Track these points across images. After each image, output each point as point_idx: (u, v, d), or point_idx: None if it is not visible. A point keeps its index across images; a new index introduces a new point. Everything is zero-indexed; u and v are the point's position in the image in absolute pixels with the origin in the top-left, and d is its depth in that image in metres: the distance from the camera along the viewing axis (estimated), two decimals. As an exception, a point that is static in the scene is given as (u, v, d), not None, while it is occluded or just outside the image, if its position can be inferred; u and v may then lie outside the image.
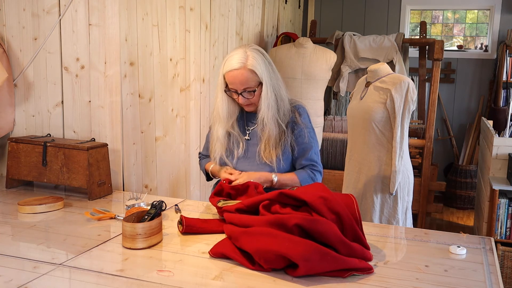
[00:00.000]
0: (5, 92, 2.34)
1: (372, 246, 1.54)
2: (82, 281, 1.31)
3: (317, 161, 2.02)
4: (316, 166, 2.02)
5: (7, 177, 2.25)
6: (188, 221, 1.66)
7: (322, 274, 1.33)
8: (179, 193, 2.97)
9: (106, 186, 2.16)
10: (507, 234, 3.52)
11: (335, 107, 5.18)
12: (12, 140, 2.23)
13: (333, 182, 4.26)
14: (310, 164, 2.01)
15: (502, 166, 3.51)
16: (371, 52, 4.31)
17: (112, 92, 2.27)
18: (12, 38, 2.38)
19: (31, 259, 1.44)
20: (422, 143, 4.25)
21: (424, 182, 4.24)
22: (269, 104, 1.88)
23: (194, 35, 3.02)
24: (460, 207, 5.23)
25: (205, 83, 3.24)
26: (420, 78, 4.87)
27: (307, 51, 3.95)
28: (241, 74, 1.83)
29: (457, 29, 5.70)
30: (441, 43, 4.16)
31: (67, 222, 1.79)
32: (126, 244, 1.52)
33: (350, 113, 2.76)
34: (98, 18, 2.24)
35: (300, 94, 3.92)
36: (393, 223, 2.60)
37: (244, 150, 2.00)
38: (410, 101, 2.50)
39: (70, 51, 2.30)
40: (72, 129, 2.36)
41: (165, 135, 2.77)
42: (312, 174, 2.00)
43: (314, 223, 1.36)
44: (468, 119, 5.52)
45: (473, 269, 1.40)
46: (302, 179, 1.98)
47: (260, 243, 1.36)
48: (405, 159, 2.60)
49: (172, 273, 1.34)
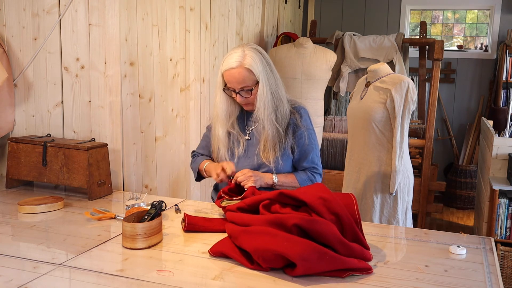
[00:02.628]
0: (5, 92, 2.34)
1: (372, 246, 1.54)
2: (82, 281, 1.31)
3: (317, 163, 2.04)
4: (317, 168, 2.04)
5: (7, 177, 2.25)
6: (190, 219, 1.67)
7: (320, 274, 1.33)
8: (179, 193, 2.97)
9: (106, 186, 2.16)
10: (507, 234, 3.52)
11: (335, 107, 5.17)
12: (12, 140, 2.23)
13: (333, 182, 4.26)
14: (311, 167, 2.03)
15: (502, 166, 3.51)
16: (371, 52, 4.31)
17: (112, 92, 2.27)
18: (12, 38, 2.38)
19: (31, 259, 1.44)
20: (422, 143, 4.25)
21: (424, 182, 4.24)
22: (265, 103, 1.88)
23: (194, 35, 3.02)
24: (460, 207, 5.23)
25: (205, 83, 3.24)
26: (420, 78, 4.87)
27: (307, 51, 3.95)
28: (238, 72, 1.84)
29: (457, 29, 5.70)
30: (441, 43, 4.16)
31: (67, 222, 1.79)
32: (126, 244, 1.52)
33: (350, 113, 2.76)
34: (98, 18, 2.24)
35: (300, 94, 3.92)
36: (393, 223, 2.60)
37: (244, 150, 2.00)
38: (410, 101, 2.50)
39: (70, 51, 2.30)
40: (72, 129, 2.36)
41: (165, 135, 2.77)
42: (312, 177, 2.02)
43: (313, 223, 1.37)
44: (468, 119, 5.52)
45: (473, 269, 1.40)
46: (301, 181, 2.00)
47: (259, 242, 1.36)
48: (405, 159, 2.60)
49: (172, 273, 1.34)
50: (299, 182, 1.99)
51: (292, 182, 1.99)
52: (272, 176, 1.95)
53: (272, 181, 1.94)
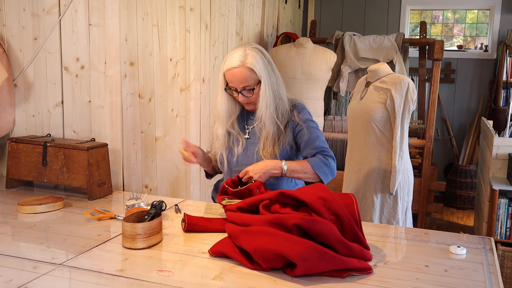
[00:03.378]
0: (5, 92, 2.34)
1: (372, 246, 1.54)
2: (82, 281, 1.31)
3: (325, 147, 1.94)
4: (327, 151, 1.93)
5: (7, 177, 2.25)
6: (190, 219, 1.67)
7: (321, 274, 1.33)
8: (179, 193, 2.97)
9: (106, 186, 2.16)
10: (507, 234, 3.52)
11: (335, 107, 5.17)
12: (12, 140, 2.23)
13: (333, 182, 4.24)
14: (320, 151, 1.93)
15: (502, 166, 3.51)
16: (371, 52, 4.30)
17: (112, 92, 2.27)
18: (12, 38, 2.38)
19: (31, 259, 1.44)
20: (422, 143, 4.25)
21: (424, 182, 4.24)
22: (267, 103, 1.88)
23: (194, 35, 3.02)
24: (460, 207, 5.23)
25: (205, 83, 3.24)
26: (420, 78, 4.87)
27: (307, 51, 3.95)
28: (240, 72, 1.85)
29: (457, 29, 5.70)
30: (441, 43, 4.16)
31: (67, 222, 1.79)
32: (126, 244, 1.52)
33: (350, 113, 2.76)
34: (98, 18, 2.24)
35: (300, 94, 3.92)
36: (393, 223, 2.60)
37: (243, 149, 2.00)
38: (410, 101, 2.50)
39: (70, 51, 2.30)
40: (72, 129, 2.36)
41: (165, 135, 2.77)
42: (324, 159, 1.91)
43: (313, 223, 1.37)
44: (468, 119, 5.52)
45: (473, 269, 1.40)
46: (314, 163, 1.88)
47: (259, 242, 1.36)
48: (405, 159, 2.60)
49: (172, 273, 1.34)
50: (313, 165, 1.88)
51: (304, 167, 1.88)
52: (281, 164, 1.87)
53: (281, 169, 1.87)
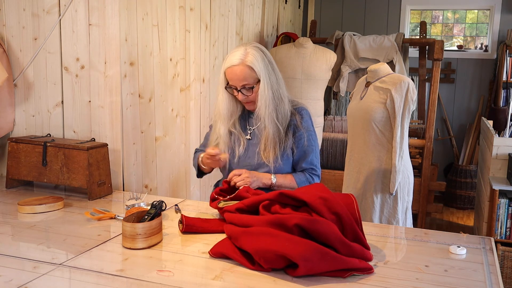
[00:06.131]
0: (5, 92, 2.34)
1: (372, 246, 1.54)
2: (82, 281, 1.31)
3: (316, 165, 2.05)
4: (315, 170, 2.05)
5: (7, 177, 2.25)
6: (188, 221, 1.66)
7: (322, 274, 1.33)
8: (179, 193, 2.97)
9: (106, 186, 2.16)
10: (507, 234, 3.52)
11: (335, 107, 5.18)
12: (12, 140, 2.23)
13: (333, 182, 4.26)
14: (309, 168, 2.03)
15: (502, 166, 3.51)
16: (371, 52, 4.31)
17: (112, 92, 2.27)
18: (12, 38, 2.38)
19: (31, 259, 1.44)
20: (422, 143, 4.25)
21: (424, 182, 4.24)
22: (266, 102, 1.89)
23: (194, 35, 3.02)
24: (460, 207, 5.23)
25: (205, 83, 3.24)
26: (420, 78, 4.87)
27: (307, 51, 3.95)
28: (240, 70, 1.86)
29: (457, 29, 5.70)
30: (441, 43, 4.16)
31: (67, 222, 1.79)
32: (126, 244, 1.52)
33: (350, 113, 2.76)
34: (98, 18, 2.24)
35: (300, 94, 3.92)
36: (393, 223, 2.60)
37: (245, 149, 2.00)
38: (410, 101, 2.50)
39: (70, 51, 2.30)
40: (72, 129, 2.36)
41: (165, 135, 2.77)
42: (310, 178, 2.03)
43: (313, 223, 1.36)
44: (468, 119, 5.52)
45: (473, 269, 1.40)
46: (299, 182, 2.00)
47: (260, 243, 1.36)
48: (405, 159, 2.60)
49: (172, 273, 1.34)
50: (297, 183, 2.00)
51: (290, 183, 1.99)
52: (271, 177, 1.96)
53: (271, 181, 1.95)
